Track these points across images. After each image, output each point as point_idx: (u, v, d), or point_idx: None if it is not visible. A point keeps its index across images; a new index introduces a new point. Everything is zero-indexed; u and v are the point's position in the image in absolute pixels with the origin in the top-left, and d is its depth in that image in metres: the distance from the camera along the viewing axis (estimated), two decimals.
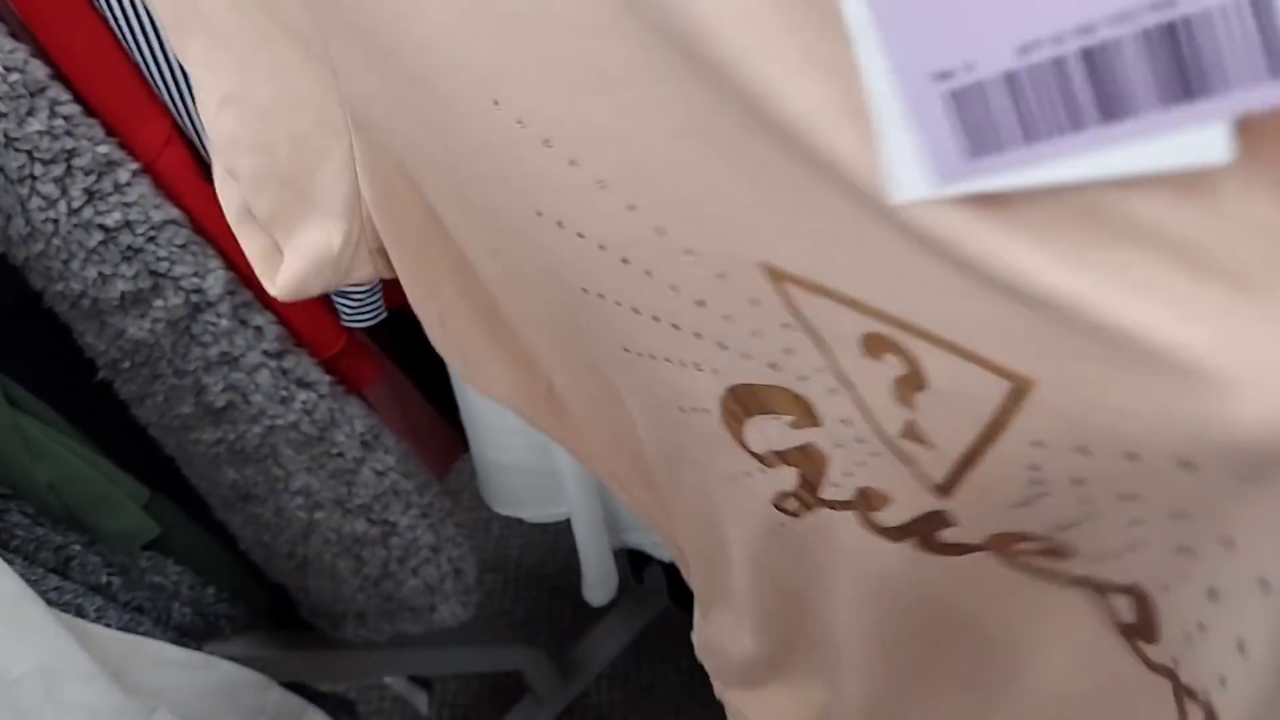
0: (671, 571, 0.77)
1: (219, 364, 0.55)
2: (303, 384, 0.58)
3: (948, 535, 0.28)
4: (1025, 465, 0.23)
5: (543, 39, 0.24)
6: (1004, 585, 0.29)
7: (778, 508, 0.31)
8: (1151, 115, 0.16)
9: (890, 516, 0.28)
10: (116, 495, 0.57)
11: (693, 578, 0.45)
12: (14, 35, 0.47)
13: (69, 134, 0.48)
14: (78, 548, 0.59)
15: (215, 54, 0.32)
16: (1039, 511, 0.25)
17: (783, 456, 0.29)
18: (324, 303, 0.59)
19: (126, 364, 0.55)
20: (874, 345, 0.23)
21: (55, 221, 0.49)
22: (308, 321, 0.58)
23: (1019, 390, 0.21)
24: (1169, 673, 0.29)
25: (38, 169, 0.47)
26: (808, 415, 0.27)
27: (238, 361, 0.56)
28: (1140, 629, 0.28)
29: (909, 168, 0.18)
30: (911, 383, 0.23)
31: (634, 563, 0.93)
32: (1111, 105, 0.17)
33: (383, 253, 0.35)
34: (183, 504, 0.66)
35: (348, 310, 0.59)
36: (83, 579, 0.60)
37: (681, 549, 0.44)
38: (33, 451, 0.54)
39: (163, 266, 0.52)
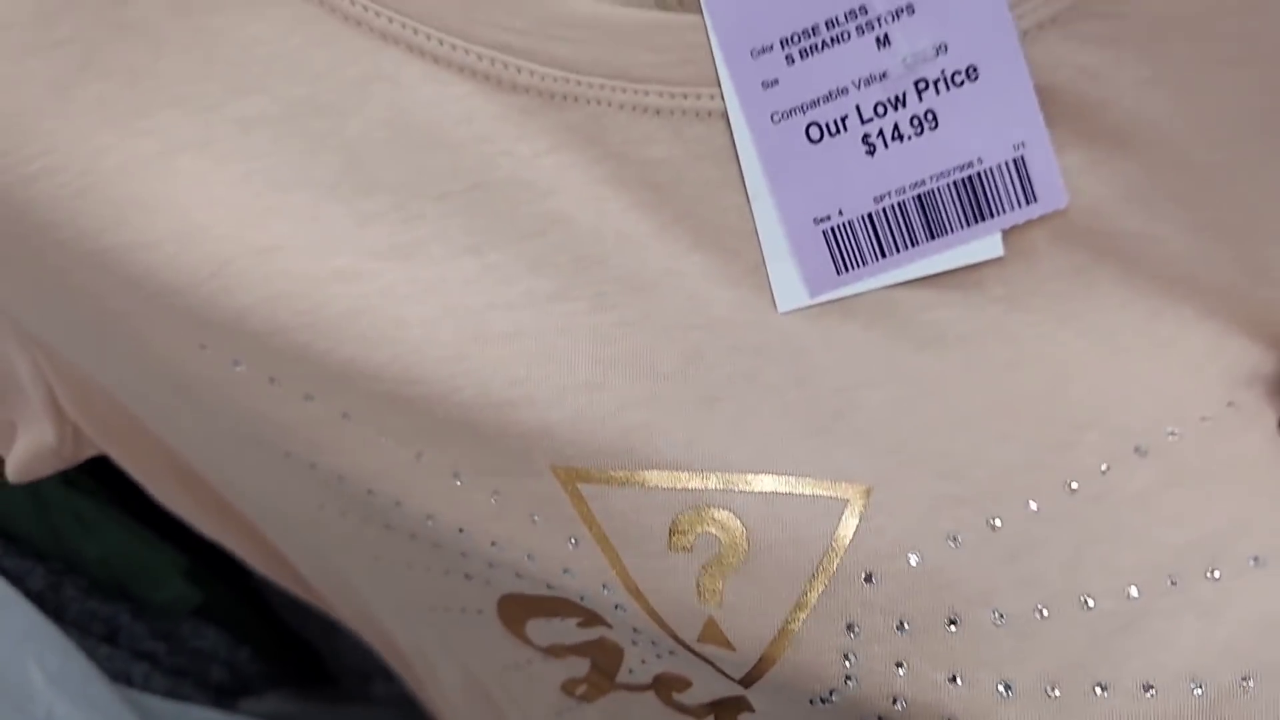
0: None
1: None
2: None
3: (749, 718, 0.28)
4: (839, 606, 0.23)
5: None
6: None
7: (567, 692, 0.31)
8: (960, 231, 0.24)
9: (691, 698, 0.28)
10: (161, 567, 0.60)
11: None
12: None
13: None
14: (125, 617, 0.62)
15: None
16: (841, 707, 0.24)
17: (573, 649, 0.29)
18: None
19: None
20: (682, 530, 0.23)
21: None
22: None
23: (838, 508, 0.23)
24: None
25: None
26: (594, 619, 0.26)
27: None
28: None
29: (791, 284, 0.24)
30: (726, 557, 0.23)
31: None
32: (934, 229, 0.24)
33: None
34: (219, 569, 0.69)
35: None
36: (130, 646, 0.62)
37: None
38: (85, 527, 0.57)
39: None
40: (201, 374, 0.25)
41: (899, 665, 0.22)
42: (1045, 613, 0.22)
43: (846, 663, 0.23)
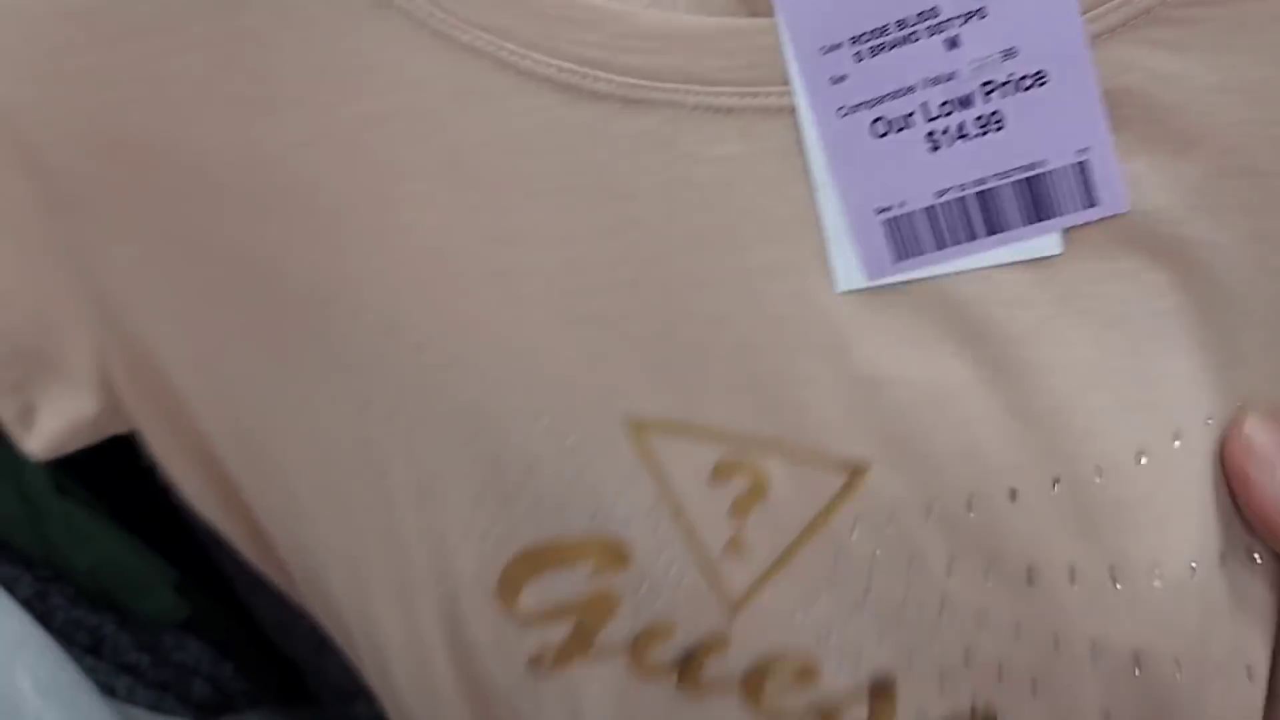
0: None
1: None
2: None
3: (711, 667, 0.31)
4: (831, 554, 0.28)
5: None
6: None
7: (531, 669, 0.33)
8: (1019, 229, 0.25)
9: (663, 652, 0.31)
10: (151, 578, 0.59)
11: None
12: None
13: None
14: (111, 628, 0.60)
15: None
16: (816, 618, 0.29)
17: (561, 609, 0.32)
18: None
19: None
20: (723, 471, 0.29)
21: None
22: None
23: (855, 477, 0.27)
24: None
25: None
26: (616, 559, 0.30)
27: None
28: None
29: (851, 268, 0.26)
30: (753, 496, 0.29)
31: None
32: (994, 225, 0.25)
33: None
34: (205, 585, 0.68)
35: None
36: (114, 659, 0.61)
37: None
38: (75, 535, 0.55)
39: None
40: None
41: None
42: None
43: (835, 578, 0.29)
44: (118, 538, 0.59)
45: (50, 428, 0.36)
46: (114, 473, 0.60)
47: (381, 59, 0.26)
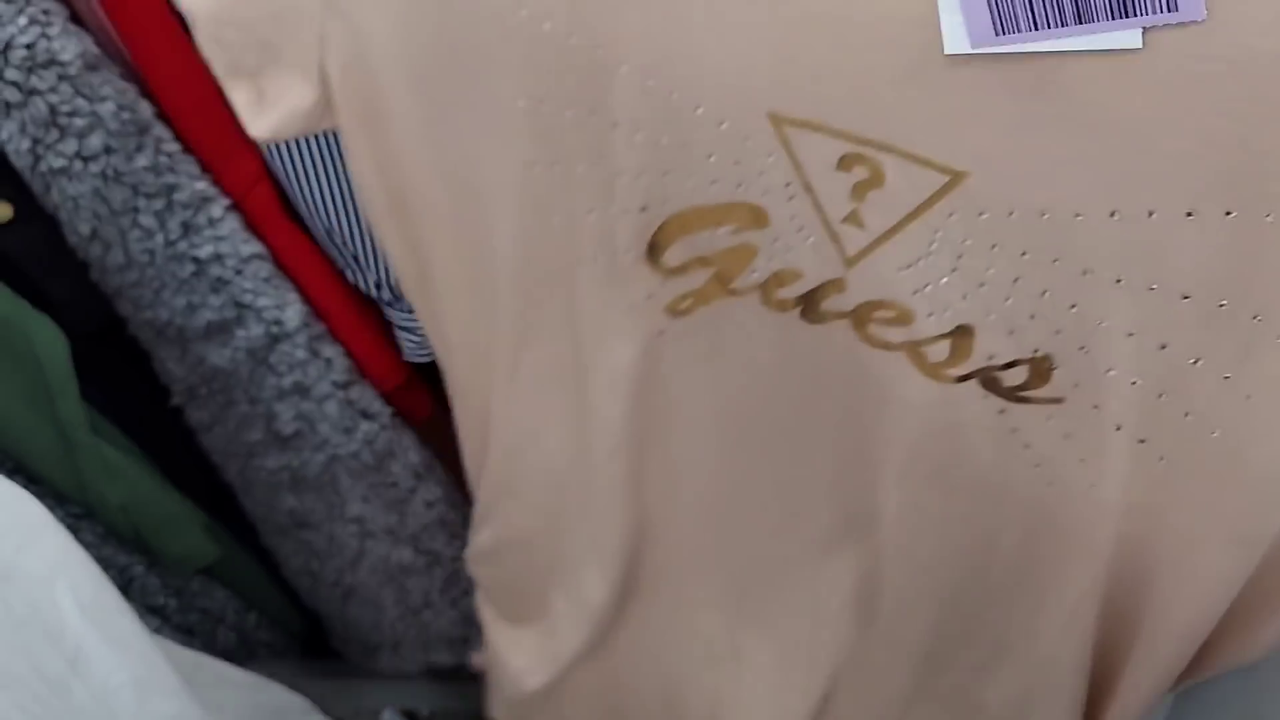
0: None
1: (291, 393, 0.58)
2: (366, 415, 0.61)
3: (829, 303, 0.40)
4: (929, 233, 0.36)
5: None
6: (850, 349, 0.41)
7: (671, 312, 0.42)
8: (1105, 22, 0.29)
9: (792, 290, 0.40)
10: (182, 518, 0.60)
11: (496, 468, 0.54)
12: (123, 75, 0.50)
13: (171, 170, 0.51)
14: (139, 569, 0.61)
15: None
16: (913, 277, 0.37)
17: (703, 260, 0.40)
18: (386, 337, 0.62)
19: (204, 390, 0.57)
20: (847, 162, 0.35)
21: (152, 253, 0.52)
22: (372, 354, 0.61)
23: (954, 182, 0.34)
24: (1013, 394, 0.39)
25: (140, 202, 0.50)
26: (756, 220, 0.38)
27: (309, 391, 0.58)
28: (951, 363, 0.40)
29: (957, 36, 0.31)
30: (869, 184, 0.35)
31: None
32: (1082, 15, 0.29)
33: None
34: (231, 531, 0.68)
35: (410, 345, 0.62)
36: (142, 600, 0.61)
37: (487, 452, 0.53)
38: (110, 473, 0.56)
39: (247, 298, 0.54)
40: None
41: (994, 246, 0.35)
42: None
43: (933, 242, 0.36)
44: (149, 477, 0.59)
45: (275, 113, 0.42)
46: (147, 424, 0.61)
47: None
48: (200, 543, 0.61)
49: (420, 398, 0.66)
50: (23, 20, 0.46)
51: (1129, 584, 0.43)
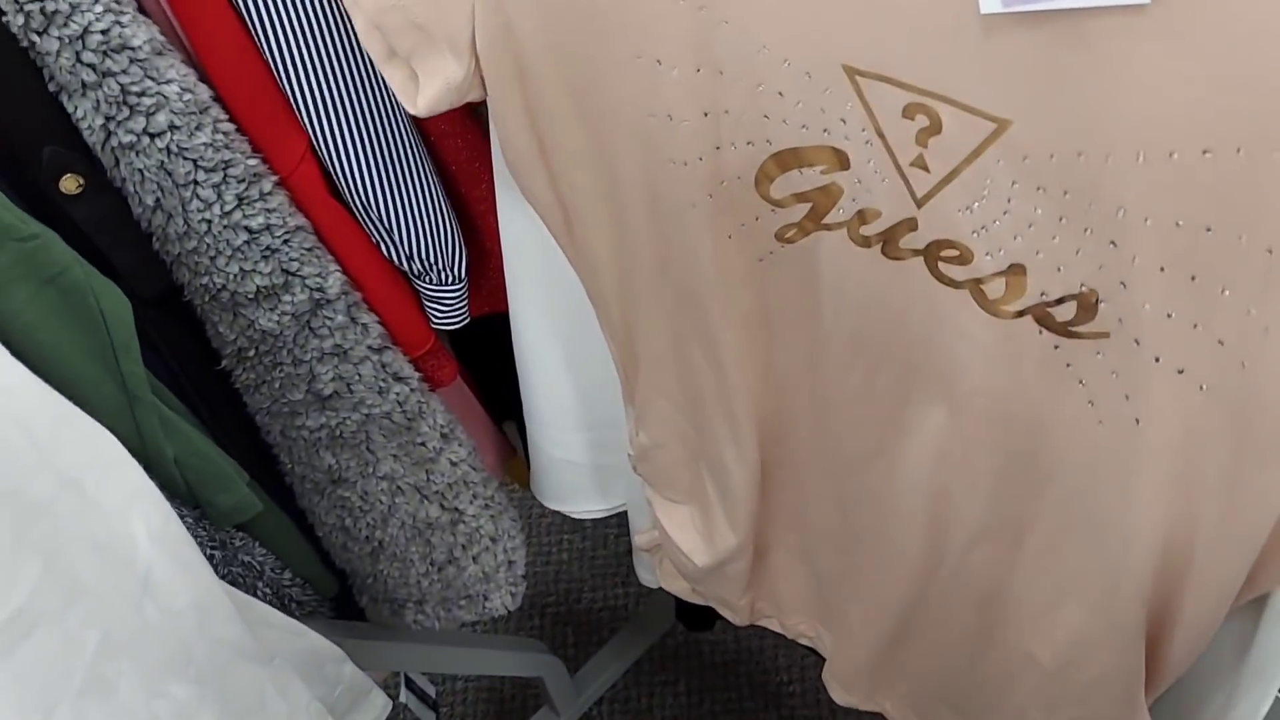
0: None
1: (331, 355, 0.63)
2: (398, 378, 0.66)
3: (905, 241, 0.44)
4: (982, 177, 0.40)
5: None
6: (925, 285, 0.45)
7: (778, 238, 0.48)
8: None
9: (873, 227, 0.45)
10: (230, 472, 0.65)
11: (645, 378, 0.61)
12: (185, 61, 0.56)
13: (227, 147, 0.56)
14: (190, 520, 0.66)
15: None
16: (971, 219, 0.42)
17: (801, 196, 0.46)
18: (416, 306, 0.68)
19: (252, 352, 0.62)
20: (910, 111, 0.40)
21: (209, 222, 0.57)
22: (403, 322, 0.67)
23: (999, 129, 0.39)
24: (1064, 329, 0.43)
25: (200, 175, 0.56)
26: (840, 163, 0.44)
27: (347, 354, 0.64)
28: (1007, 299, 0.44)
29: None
30: (930, 131, 0.40)
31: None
32: None
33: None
34: (270, 494, 0.73)
35: (438, 314, 0.68)
36: None
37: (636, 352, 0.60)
38: (167, 428, 0.61)
39: (293, 266, 0.60)
40: None
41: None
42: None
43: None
44: (200, 435, 0.65)
45: (429, 90, 0.48)
46: (198, 388, 0.66)
47: None
48: (245, 497, 0.66)
49: (445, 364, 0.71)
50: (99, 8, 0.51)
51: (1183, 517, 0.45)
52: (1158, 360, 0.41)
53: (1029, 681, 0.58)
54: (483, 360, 0.79)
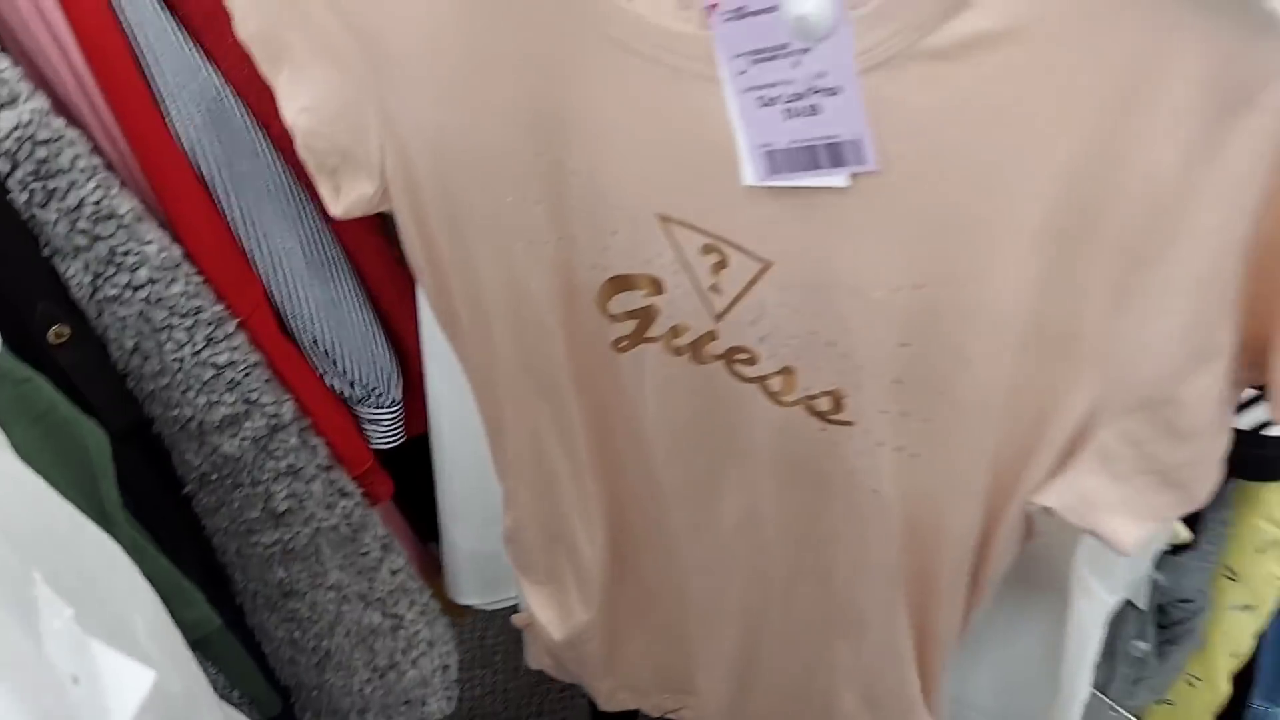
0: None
1: (285, 474, 0.72)
2: (343, 493, 0.75)
3: (708, 349, 0.54)
4: (758, 302, 0.50)
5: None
6: (726, 383, 0.55)
7: (614, 347, 0.58)
8: (827, 169, 0.45)
9: (684, 339, 0.55)
10: (192, 589, 0.71)
11: (511, 465, 0.70)
12: (161, 224, 0.66)
13: (197, 295, 0.66)
14: None
15: (296, 82, 0.55)
16: (754, 331, 0.51)
17: (630, 314, 0.55)
18: (357, 429, 0.77)
19: (215, 476, 0.70)
20: (706, 249, 0.50)
21: (181, 360, 0.66)
22: (345, 443, 0.76)
23: (765, 267, 0.49)
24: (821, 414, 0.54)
25: (175, 320, 0.65)
26: (657, 288, 0.53)
27: (299, 473, 0.72)
28: (776, 390, 0.54)
29: (750, 174, 0.45)
30: (720, 265, 0.50)
31: None
32: (815, 164, 0.45)
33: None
34: (219, 612, 0.79)
35: (376, 434, 0.77)
36: None
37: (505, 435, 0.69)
38: (138, 550, 0.68)
39: (254, 395, 0.69)
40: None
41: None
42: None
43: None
44: (162, 556, 0.71)
45: (348, 200, 0.58)
46: (158, 514, 0.73)
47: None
48: (206, 612, 0.72)
49: (382, 482, 0.80)
50: (92, 184, 0.61)
51: (920, 555, 0.58)
52: (881, 444, 0.53)
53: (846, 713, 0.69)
54: (412, 482, 0.88)
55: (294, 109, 0.55)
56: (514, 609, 0.88)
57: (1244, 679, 0.77)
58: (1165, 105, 0.38)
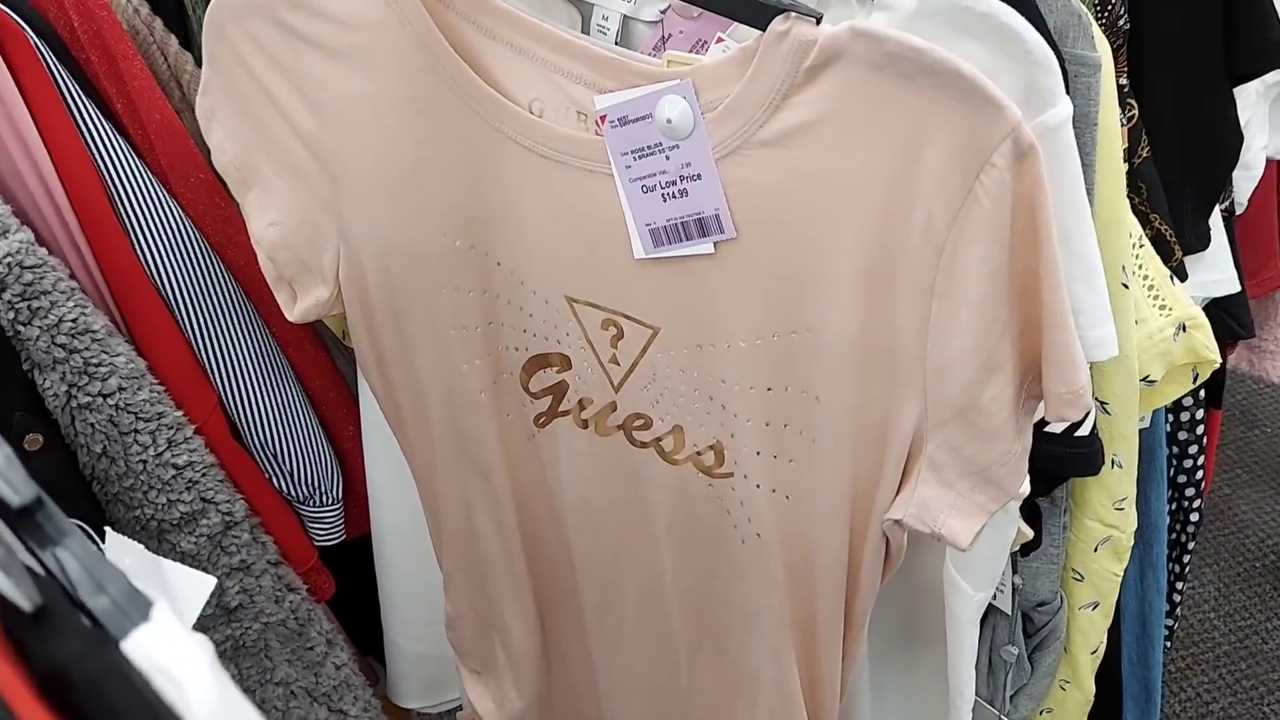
0: None
1: (238, 570, 0.78)
2: (290, 588, 0.81)
3: (610, 419, 0.62)
4: (650, 367, 0.58)
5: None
6: (625, 450, 0.62)
7: (535, 423, 0.65)
8: (697, 239, 0.56)
9: (589, 412, 0.63)
10: None
11: (447, 548, 0.76)
12: (128, 340, 0.74)
13: (160, 402, 0.73)
14: None
15: (263, 200, 0.65)
16: (648, 395, 0.59)
17: (546, 390, 0.63)
18: (301, 528, 0.84)
19: None
20: (605, 324, 0.58)
21: (145, 462, 0.73)
22: (291, 541, 0.82)
23: (655, 333, 0.57)
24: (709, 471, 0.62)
25: (140, 425, 0.72)
26: (566, 364, 0.61)
27: (250, 568, 0.78)
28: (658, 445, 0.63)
29: (639, 248, 0.57)
30: (617, 337, 0.58)
31: None
32: (689, 236, 0.57)
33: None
34: None
35: (320, 532, 0.84)
36: None
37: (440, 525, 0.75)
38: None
39: (209, 494, 0.75)
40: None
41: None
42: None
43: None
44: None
45: (303, 305, 0.65)
46: None
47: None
48: None
49: (325, 580, 0.86)
50: (70, 304, 0.69)
51: (797, 597, 0.64)
52: (759, 487, 0.61)
53: None
54: (352, 586, 0.94)
55: (262, 224, 0.65)
56: (457, 709, 0.93)
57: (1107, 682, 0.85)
58: (930, 169, 0.50)
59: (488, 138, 0.57)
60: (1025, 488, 0.58)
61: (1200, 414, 1.00)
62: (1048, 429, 0.65)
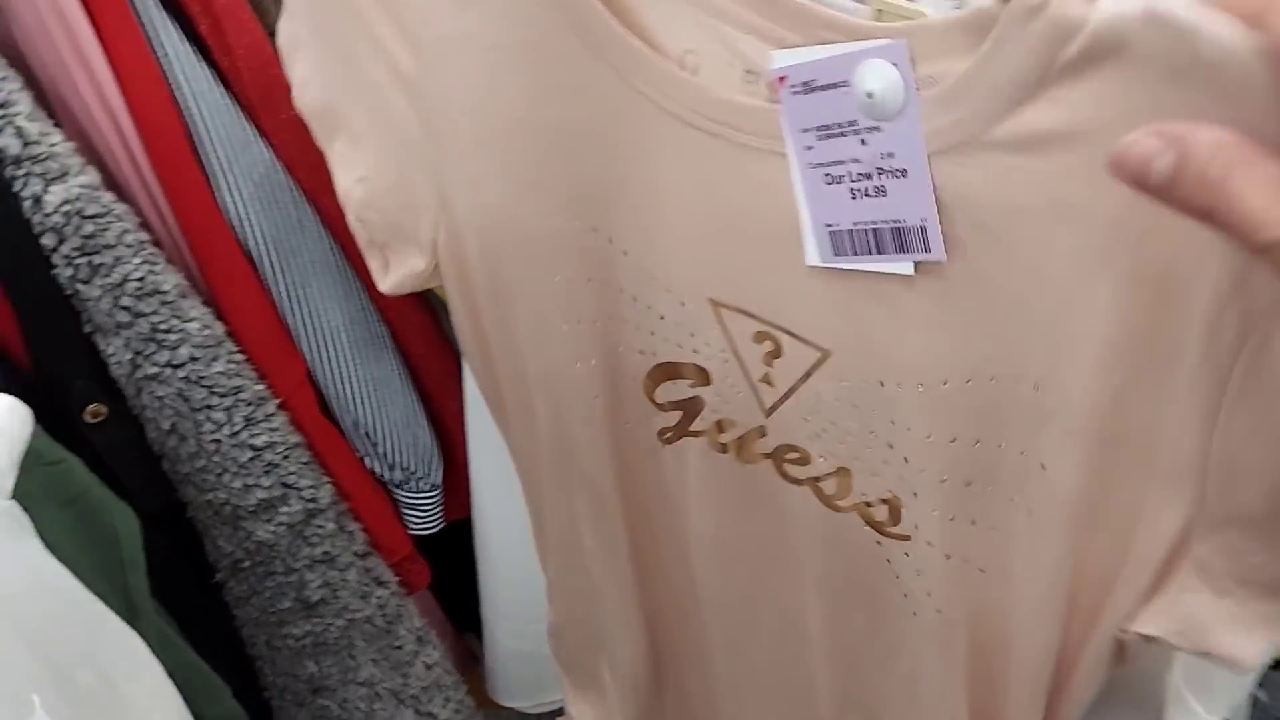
0: None
1: (320, 562, 0.69)
2: (379, 582, 0.72)
3: (757, 446, 0.51)
4: (814, 395, 0.47)
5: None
6: (774, 484, 0.51)
7: (659, 437, 0.55)
8: (892, 254, 0.41)
9: (729, 435, 0.52)
10: (219, 684, 0.68)
11: (552, 557, 0.66)
12: (204, 302, 0.64)
13: (238, 375, 0.64)
14: None
15: (352, 151, 0.53)
16: (808, 428, 0.48)
17: (675, 404, 0.52)
18: (395, 514, 0.74)
19: (247, 563, 0.68)
20: (759, 337, 0.47)
21: (219, 441, 0.64)
22: (383, 529, 0.73)
23: (824, 357, 0.46)
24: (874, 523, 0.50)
25: (214, 400, 0.63)
26: (703, 378, 0.50)
27: (334, 560, 0.69)
28: (828, 496, 0.51)
29: (813, 255, 0.43)
30: (774, 354, 0.47)
31: None
32: (880, 249, 0.42)
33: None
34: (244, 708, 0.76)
35: (415, 520, 0.74)
36: None
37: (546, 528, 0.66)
38: (164, 642, 0.65)
39: (291, 479, 0.66)
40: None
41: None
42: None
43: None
44: (189, 649, 0.69)
45: (396, 276, 0.55)
46: (185, 605, 0.71)
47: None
48: (234, 708, 0.69)
49: (420, 570, 0.77)
50: (138, 260, 0.60)
51: (983, 682, 0.52)
52: (948, 558, 0.48)
53: None
54: (450, 569, 0.85)
55: (350, 178, 0.54)
56: (558, 712, 0.84)
57: None
58: None
59: (622, 98, 0.44)
60: None
61: None
62: None
